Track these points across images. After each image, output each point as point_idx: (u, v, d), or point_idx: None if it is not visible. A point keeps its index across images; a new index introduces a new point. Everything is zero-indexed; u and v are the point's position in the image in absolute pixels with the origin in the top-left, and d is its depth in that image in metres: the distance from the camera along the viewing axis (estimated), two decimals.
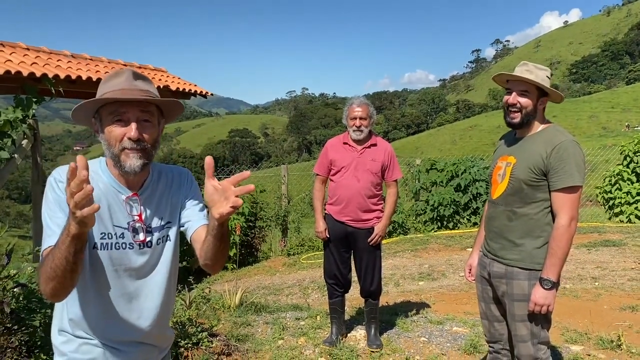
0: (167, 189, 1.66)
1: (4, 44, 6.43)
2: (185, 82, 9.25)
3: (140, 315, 1.62)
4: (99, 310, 1.58)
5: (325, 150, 4.04)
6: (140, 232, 1.57)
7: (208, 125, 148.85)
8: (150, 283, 1.63)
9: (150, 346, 1.67)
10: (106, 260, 1.55)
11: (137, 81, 1.51)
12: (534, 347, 2.56)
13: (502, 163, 2.65)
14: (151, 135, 1.52)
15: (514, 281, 2.55)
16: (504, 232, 2.60)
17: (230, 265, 8.64)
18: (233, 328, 4.21)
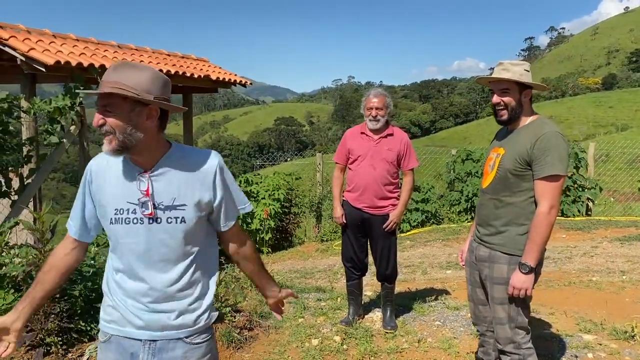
0: (185, 172, 1.76)
1: (56, 36, 6.90)
2: (226, 71, 9.59)
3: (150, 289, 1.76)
4: (117, 279, 1.82)
5: (344, 140, 4.24)
6: (147, 207, 1.72)
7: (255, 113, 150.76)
8: (160, 259, 1.75)
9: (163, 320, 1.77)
10: (120, 233, 1.75)
11: (113, 73, 1.68)
12: (511, 331, 2.69)
13: (493, 154, 2.81)
14: (115, 122, 1.66)
15: (495, 264, 2.70)
16: (490, 219, 2.75)
17: (265, 249, 8.99)
18: (257, 306, 4.49)
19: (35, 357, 3.36)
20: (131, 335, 1.79)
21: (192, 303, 1.79)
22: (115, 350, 1.81)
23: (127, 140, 1.67)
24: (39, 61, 5.78)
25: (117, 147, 1.67)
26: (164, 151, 1.77)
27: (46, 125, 5.75)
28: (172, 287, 1.77)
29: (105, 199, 1.78)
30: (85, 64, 6.24)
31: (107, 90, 1.64)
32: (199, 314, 1.81)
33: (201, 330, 1.82)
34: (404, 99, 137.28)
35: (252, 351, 3.80)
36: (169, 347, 1.78)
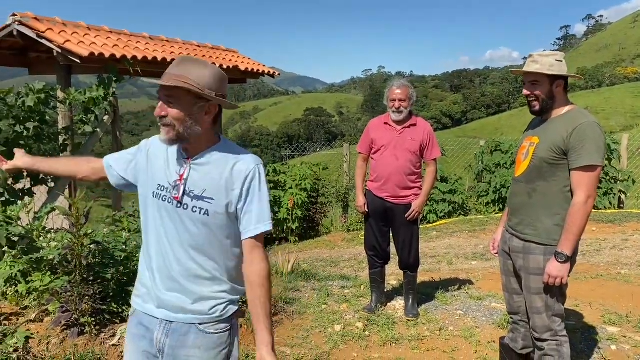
0: (222, 170, 1.81)
1: (90, 28, 7.10)
2: (255, 62, 9.69)
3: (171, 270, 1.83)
4: (146, 256, 1.92)
5: (367, 130, 4.29)
6: (177, 190, 1.81)
7: (284, 103, 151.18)
8: (182, 243, 1.82)
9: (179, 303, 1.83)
10: (156, 207, 1.86)
11: (179, 67, 1.77)
12: (549, 319, 2.72)
13: (527, 143, 2.81)
14: (175, 114, 1.76)
15: (530, 256, 2.72)
16: (523, 208, 2.77)
17: (292, 238, 9.11)
18: (282, 292, 4.60)
19: (70, 336, 3.53)
20: (150, 313, 1.88)
21: (210, 292, 1.83)
22: (136, 324, 1.92)
23: (185, 133, 1.77)
24: (74, 53, 5.98)
25: (174, 138, 1.78)
26: (211, 144, 1.85)
27: (81, 115, 5.96)
28: (191, 272, 1.83)
29: (153, 172, 1.89)
30: (118, 56, 6.42)
31: (171, 83, 1.72)
32: (215, 304, 1.84)
33: (216, 320, 1.84)
34: (435, 89, 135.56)
35: (276, 335, 3.90)
36: (182, 330, 1.83)
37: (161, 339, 1.85)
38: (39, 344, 3.43)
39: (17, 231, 4.06)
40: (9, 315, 3.67)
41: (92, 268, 3.68)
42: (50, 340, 3.48)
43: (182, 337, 1.83)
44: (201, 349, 1.83)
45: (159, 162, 1.89)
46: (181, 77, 1.74)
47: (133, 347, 1.93)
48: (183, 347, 1.84)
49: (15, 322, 3.62)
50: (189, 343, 1.83)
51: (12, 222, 4.07)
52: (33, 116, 5.16)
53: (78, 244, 3.62)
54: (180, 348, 1.84)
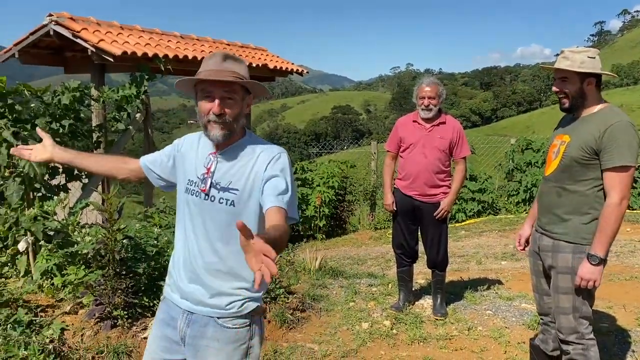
0: (249, 162, 1.84)
1: (123, 27, 7.24)
2: (284, 60, 9.73)
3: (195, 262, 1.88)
4: (176, 247, 2.00)
5: (395, 128, 4.27)
6: (205, 183, 1.86)
7: (312, 101, 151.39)
8: (208, 235, 1.86)
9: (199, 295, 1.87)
10: (185, 202, 1.93)
11: (226, 62, 1.80)
12: (575, 321, 2.67)
13: (557, 141, 2.77)
14: (233, 111, 1.80)
15: (559, 254, 2.68)
16: (553, 207, 2.73)
17: (320, 235, 9.13)
18: (310, 288, 4.62)
19: (103, 328, 3.62)
20: (175, 302, 1.95)
21: (228, 287, 1.86)
22: (164, 310, 2.00)
23: (235, 126, 1.83)
24: (107, 52, 6.11)
25: (227, 132, 1.82)
26: (239, 137, 1.89)
27: (114, 112, 6.08)
28: (212, 266, 1.86)
29: (185, 168, 1.96)
30: (150, 54, 6.53)
31: (231, 79, 1.77)
32: (232, 300, 1.86)
33: (234, 316, 1.86)
34: (464, 87, 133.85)
35: (304, 332, 3.93)
36: (202, 322, 1.88)
37: (183, 328, 1.91)
38: (74, 336, 3.53)
39: (53, 225, 4.18)
40: (45, 307, 3.78)
41: (125, 262, 3.76)
42: (84, 332, 3.57)
43: (202, 328, 1.88)
44: (219, 342, 1.86)
45: (190, 158, 1.95)
46: (234, 73, 1.78)
47: (158, 332, 2.01)
48: (203, 338, 1.88)
49: (51, 313, 3.73)
50: (208, 335, 1.87)
51: (49, 216, 4.18)
52: (68, 114, 5.28)
53: (111, 238, 3.71)
54: (200, 338, 1.88)
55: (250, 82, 1.83)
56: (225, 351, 1.86)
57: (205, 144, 1.93)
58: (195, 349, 1.89)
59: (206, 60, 1.86)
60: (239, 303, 1.86)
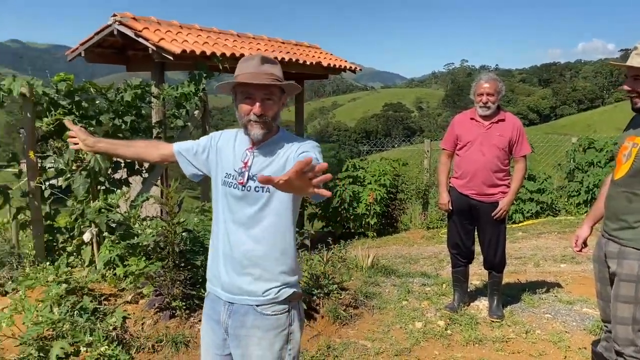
0: (284, 154, 1.93)
1: (182, 26, 7.44)
2: (337, 58, 9.74)
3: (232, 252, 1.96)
4: (214, 238, 2.07)
5: (452, 125, 4.19)
6: (242, 176, 1.95)
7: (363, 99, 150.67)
8: (244, 225, 1.94)
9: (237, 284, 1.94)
10: (223, 194, 2.01)
11: (264, 65, 1.89)
12: (634, 333, 2.52)
13: (629, 143, 2.63)
14: (272, 111, 1.92)
15: (624, 261, 2.55)
16: (621, 213, 2.60)
17: (371, 233, 9.10)
18: (362, 286, 4.62)
19: (162, 318, 3.74)
20: (217, 294, 2.03)
21: (265, 274, 1.93)
22: (208, 305, 2.09)
23: (273, 125, 1.95)
24: (167, 50, 6.29)
25: (267, 132, 1.93)
26: (273, 134, 1.99)
27: (173, 109, 6.27)
28: (250, 253, 1.94)
29: (222, 162, 2.05)
30: (207, 53, 6.68)
31: (270, 82, 1.87)
32: (269, 286, 1.92)
33: (271, 302, 1.93)
34: (521, 84, 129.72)
35: (356, 328, 3.93)
36: (242, 311, 1.95)
37: (225, 319, 1.98)
38: (135, 324, 3.66)
39: (116, 218, 4.35)
40: (108, 296, 3.94)
41: (184, 255, 3.87)
42: (144, 321, 3.70)
43: (242, 318, 1.95)
44: (260, 330, 1.92)
45: (227, 152, 2.04)
46: (272, 76, 1.89)
47: (206, 326, 2.10)
48: (243, 327, 1.94)
49: (113, 302, 3.88)
50: (249, 324, 1.93)
51: (112, 209, 4.35)
52: (130, 110, 5.48)
53: (171, 231, 3.83)
54: (240, 328, 1.95)
55: (287, 83, 1.93)
56: (266, 339, 1.92)
57: (242, 140, 2.02)
58: (238, 339, 1.96)
59: (242, 63, 1.94)
60: (276, 289, 1.93)
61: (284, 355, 1.95)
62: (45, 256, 4.86)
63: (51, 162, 4.90)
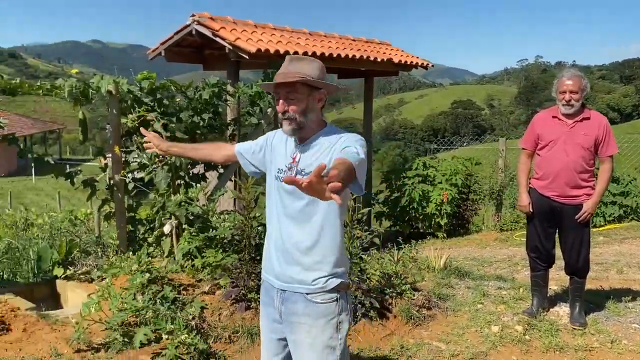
0: (328, 148, 2.03)
1: (257, 26, 7.60)
2: (408, 54, 9.62)
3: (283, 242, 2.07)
4: (268, 229, 2.19)
5: (532, 124, 4.03)
6: (292, 171, 2.08)
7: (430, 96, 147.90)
8: (293, 217, 2.05)
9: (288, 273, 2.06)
10: (274, 188, 2.14)
11: (290, 65, 2.04)
12: None
13: None
14: (297, 107, 2.03)
15: None
16: None
17: (441, 234, 8.93)
18: (435, 287, 4.54)
19: (238, 310, 3.84)
20: (271, 282, 2.16)
21: (314, 264, 2.03)
22: (265, 292, 2.23)
23: (302, 122, 2.04)
24: (243, 49, 6.44)
25: (295, 127, 2.05)
26: (320, 129, 2.10)
27: (247, 107, 6.42)
28: (298, 245, 2.04)
29: (275, 158, 2.20)
30: (281, 51, 6.78)
31: (291, 79, 1.99)
32: (318, 275, 2.02)
33: (320, 291, 2.02)
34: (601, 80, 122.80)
35: (430, 329, 3.87)
36: (292, 299, 2.06)
37: (278, 306, 2.12)
38: (212, 315, 3.78)
39: (195, 211, 4.51)
40: (187, 286, 4.09)
41: (259, 248, 3.96)
42: (221, 312, 3.81)
43: (293, 305, 2.06)
44: (311, 317, 2.02)
45: (280, 149, 2.18)
46: (298, 74, 2.00)
47: (263, 312, 2.26)
48: (294, 315, 2.06)
49: (191, 292, 4.03)
50: (300, 311, 2.04)
51: (192, 202, 4.51)
52: (208, 108, 5.66)
53: (248, 225, 3.93)
54: (292, 315, 2.07)
55: (305, 79, 1.99)
56: (317, 327, 2.02)
57: (292, 138, 2.14)
58: (291, 326, 2.08)
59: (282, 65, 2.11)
60: (324, 279, 2.02)
61: (334, 344, 2.03)
62: (127, 246, 5.13)
63: (135, 156, 5.15)
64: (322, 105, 2.09)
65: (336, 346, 2.03)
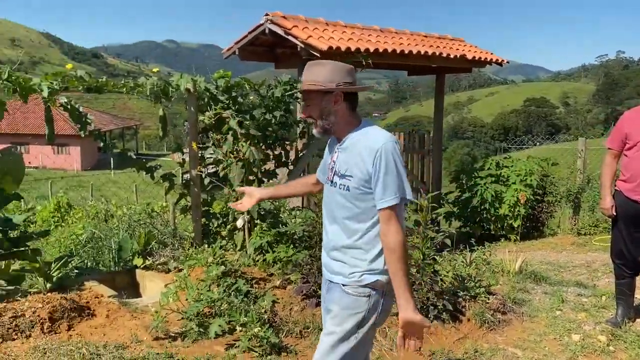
0: (358, 150, 2.08)
1: (328, 23, 7.61)
2: (482, 50, 9.34)
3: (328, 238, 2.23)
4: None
5: (621, 123, 3.79)
6: (330, 171, 2.20)
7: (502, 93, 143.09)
8: (334, 216, 2.18)
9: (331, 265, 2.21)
10: (325, 189, 2.28)
11: (305, 72, 2.15)
12: None
13: None
14: (312, 112, 2.15)
15: None
16: None
17: (513, 236, 8.62)
18: (510, 291, 4.38)
19: (309, 305, 3.88)
20: (323, 274, 2.31)
21: (351, 260, 2.12)
22: (323, 281, 2.34)
23: (325, 125, 2.13)
24: (315, 47, 6.48)
25: (320, 131, 2.16)
26: (352, 128, 2.14)
27: None
28: (339, 242, 2.16)
29: (326, 161, 2.31)
30: (352, 49, 6.77)
31: (304, 88, 2.13)
32: (353, 270, 2.11)
33: (355, 284, 2.10)
34: None
35: (505, 335, 3.74)
36: (334, 288, 2.19)
37: (324, 294, 2.30)
38: (283, 309, 3.84)
39: (267, 206, 4.59)
40: (258, 280, 4.17)
41: None
42: (292, 306, 3.86)
43: (331, 294, 2.20)
44: (338, 306, 2.14)
45: (329, 149, 2.29)
46: (308, 81, 2.12)
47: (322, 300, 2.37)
48: (330, 302, 2.21)
49: (263, 286, 4.10)
50: (334, 299, 2.17)
51: None
52: (279, 106, 5.73)
53: (319, 222, 3.95)
54: (329, 302, 2.22)
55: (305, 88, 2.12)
56: (340, 317, 2.11)
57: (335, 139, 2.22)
58: (327, 312, 2.24)
59: None
60: (358, 274, 2.10)
61: (349, 336, 2.10)
62: (201, 239, 5.30)
63: (210, 152, 5.31)
64: (347, 106, 2.11)
65: (351, 338, 2.10)
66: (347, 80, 2.09)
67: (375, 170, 2.01)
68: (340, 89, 2.08)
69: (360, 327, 2.10)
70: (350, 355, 2.10)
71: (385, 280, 2.09)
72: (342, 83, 2.08)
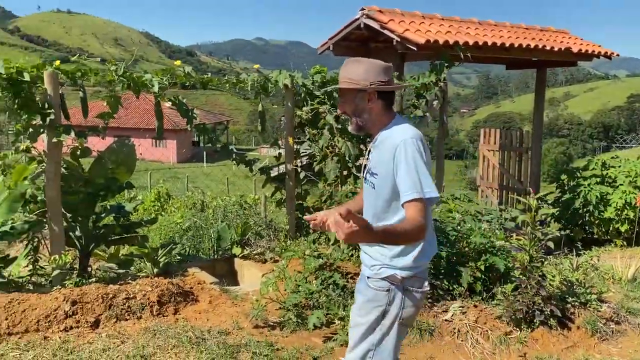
0: (385, 146, 2.11)
1: (424, 16, 7.45)
2: (588, 43, 8.76)
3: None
4: None
5: None
6: (365, 168, 2.26)
7: (602, 89, 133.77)
8: (367, 212, 2.23)
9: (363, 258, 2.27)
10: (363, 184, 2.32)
11: (342, 69, 2.17)
12: None
13: None
14: (345, 109, 2.19)
15: None
16: None
17: (619, 241, 8.04)
18: (624, 300, 4.08)
19: None
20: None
21: (376, 253, 2.16)
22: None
23: (359, 122, 2.16)
24: (411, 41, 6.36)
25: (355, 128, 2.19)
26: (383, 126, 2.16)
27: (412, 100, 6.33)
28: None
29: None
30: (450, 42, 6.58)
31: (339, 86, 2.16)
32: (375, 263, 2.16)
33: (375, 277, 2.15)
34: None
35: (619, 346, 3.48)
36: (362, 280, 2.28)
37: (358, 285, 2.37)
38: None
39: None
40: (353, 275, 4.17)
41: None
42: None
43: (360, 284, 2.30)
44: (364, 296, 2.21)
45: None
46: (343, 78, 2.15)
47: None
48: (357, 291, 2.32)
49: (357, 281, 4.09)
50: (361, 289, 2.26)
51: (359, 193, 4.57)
52: None
53: None
54: (357, 291, 2.33)
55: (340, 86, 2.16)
56: (364, 309, 2.19)
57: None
58: (355, 300, 2.33)
59: None
60: (378, 266, 2.15)
61: (376, 327, 2.16)
62: (295, 232, 5.39)
63: (306, 147, 5.38)
64: (381, 104, 2.13)
65: (377, 329, 2.15)
66: (381, 79, 2.11)
67: (396, 166, 2.04)
68: (373, 88, 2.10)
69: (383, 319, 2.15)
70: (379, 346, 2.16)
71: (404, 275, 2.11)
72: (376, 82, 2.10)
